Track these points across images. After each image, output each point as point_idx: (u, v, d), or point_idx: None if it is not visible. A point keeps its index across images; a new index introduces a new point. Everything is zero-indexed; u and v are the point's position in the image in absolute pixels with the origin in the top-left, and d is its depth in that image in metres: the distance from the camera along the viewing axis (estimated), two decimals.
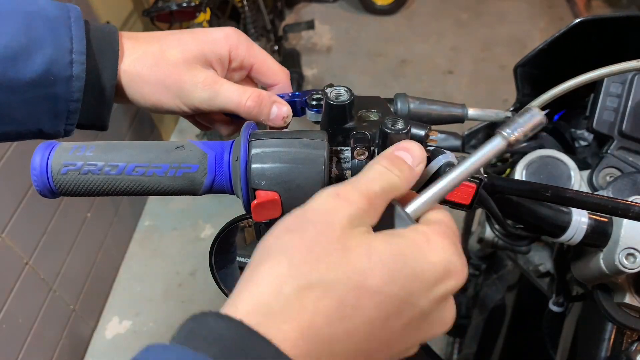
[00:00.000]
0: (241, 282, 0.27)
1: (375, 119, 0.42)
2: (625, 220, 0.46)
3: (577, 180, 0.57)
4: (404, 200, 0.32)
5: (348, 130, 0.40)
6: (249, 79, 0.50)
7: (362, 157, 0.38)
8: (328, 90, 0.41)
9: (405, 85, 2.80)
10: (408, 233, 0.28)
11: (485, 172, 0.40)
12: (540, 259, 0.78)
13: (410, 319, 0.27)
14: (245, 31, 2.16)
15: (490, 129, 0.67)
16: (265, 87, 0.49)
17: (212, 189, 0.39)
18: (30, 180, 0.37)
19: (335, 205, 0.28)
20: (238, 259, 0.49)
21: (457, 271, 0.28)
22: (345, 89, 0.41)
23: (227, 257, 0.48)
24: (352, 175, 0.39)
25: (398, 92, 0.59)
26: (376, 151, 0.38)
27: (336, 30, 3.26)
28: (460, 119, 0.62)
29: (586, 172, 0.59)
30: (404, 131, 0.37)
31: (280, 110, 0.43)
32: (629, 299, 0.52)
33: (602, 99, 0.60)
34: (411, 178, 0.32)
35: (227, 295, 0.47)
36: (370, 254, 0.26)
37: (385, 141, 0.37)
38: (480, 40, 3.07)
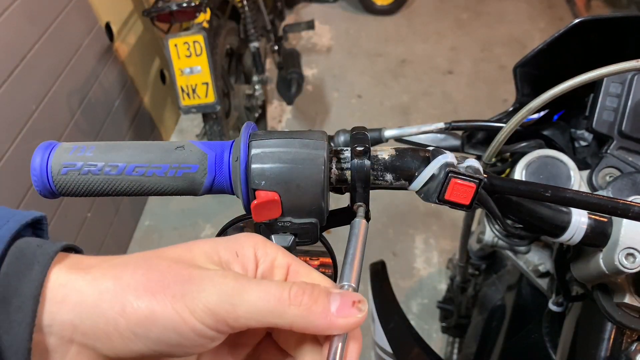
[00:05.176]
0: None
1: None
2: (625, 220, 0.46)
3: (577, 180, 0.57)
4: None
5: None
6: None
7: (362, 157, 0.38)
8: None
9: (405, 85, 2.80)
10: None
11: (485, 172, 0.40)
12: (540, 259, 0.78)
13: None
14: (245, 31, 2.16)
15: (489, 129, 0.67)
16: None
17: (212, 189, 0.39)
18: (30, 180, 0.37)
19: None
20: None
21: None
22: None
23: None
24: (352, 175, 0.39)
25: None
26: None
27: (336, 30, 3.26)
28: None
29: (586, 172, 0.59)
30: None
31: (346, 300, 0.28)
32: (628, 299, 0.52)
33: (601, 99, 0.60)
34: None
35: None
36: None
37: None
38: (480, 40, 3.07)
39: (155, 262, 0.29)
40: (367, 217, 0.38)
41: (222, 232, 0.44)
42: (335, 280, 0.46)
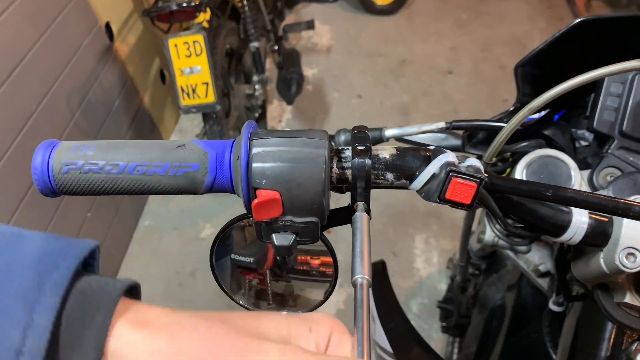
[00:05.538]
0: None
1: None
2: (625, 220, 0.46)
3: (578, 180, 0.57)
4: None
5: None
6: None
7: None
8: None
9: (406, 85, 2.80)
10: None
11: (485, 172, 0.40)
12: (541, 258, 0.78)
13: None
14: (245, 31, 2.16)
15: (490, 129, 0.67)
16: None
17: (212, 188, 0.39)
18: (31, 179, 0.37)
19: None
20: (235, 257, 0.49)
21: None
22: None
23: (226, 254, 0.48)
24: (353, 174, 0.39)
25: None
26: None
27: (336, 30, 3.26)
28: None
29: (586, 172, 0.59)
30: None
31: None
32: (629, 298, 0.52)
33: (602, 98, 0.60)
34: None
35: (227, 294, 0.47)
36: None
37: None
38: (480, 40, 3.07)
39: (215, 326, 0.27)
40: (369, 215, 0.38)
41: (223, 231, 0.44)
42: (336, 280, 0.46)
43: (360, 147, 0.39)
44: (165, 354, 0.26)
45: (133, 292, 0.29)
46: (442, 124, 0.65)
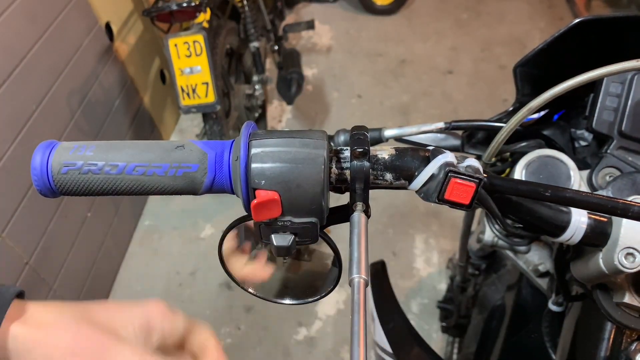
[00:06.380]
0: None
1: None
2: (624, 220, 0.46)
3: (577, 180, 0.57)
4: None
5: None
6: None
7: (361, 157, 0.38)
8: None
9: (405, 85, 2.80)
10: None
11: (484, 172, 0.40)
12: (540, 258, 0.78)
13: None
14: (245, 31, 2.16)
15: (489, 129, 0.67)
16: None
17: (212, 189, 0.39)
18: (31, 180, 0.37)
19: None
20: None
21: None
22: None
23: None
24: (352, 175, 0.39)
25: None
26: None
27: (336, 30, 3.26)
28: None
29: (586, 172, 0.59)
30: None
31: None
32: (628, 298, 0.52)
33: (601, 98, 0.60)
34: None
35: (238, 284, 0.47)
36: None
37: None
38: (480, 40, 3.07)
39: (84, 327, 0.33)
40: (367, 214, 0.38)
41: (227, 233, 0.44)
42: (340, 274, 0.46)
43: (358, 150, 0.39)
44: (44, 348, 0.32)
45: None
46: (441, 124, 0.65)
